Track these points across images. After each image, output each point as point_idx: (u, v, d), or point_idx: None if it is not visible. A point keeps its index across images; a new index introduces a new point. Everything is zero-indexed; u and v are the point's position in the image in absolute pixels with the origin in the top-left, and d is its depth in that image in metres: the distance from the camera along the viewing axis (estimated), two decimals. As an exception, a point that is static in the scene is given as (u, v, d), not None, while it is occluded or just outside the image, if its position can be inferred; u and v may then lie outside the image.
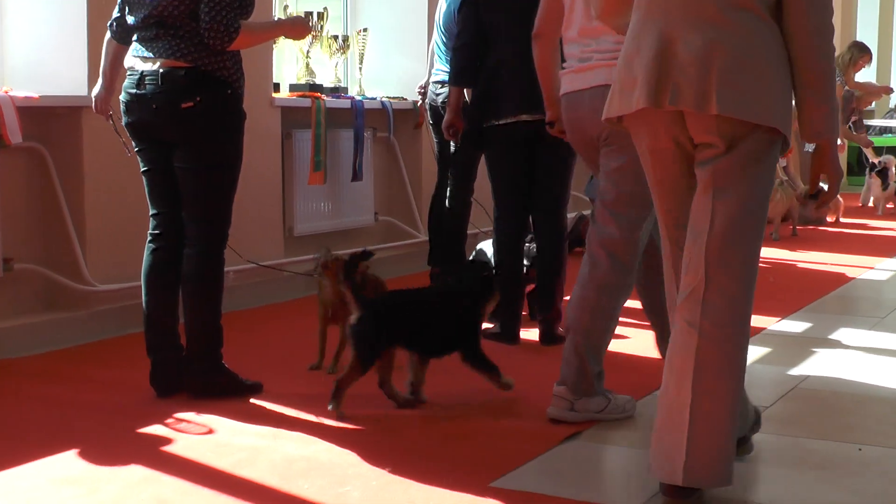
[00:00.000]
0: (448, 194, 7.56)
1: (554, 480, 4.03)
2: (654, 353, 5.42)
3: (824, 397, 5.19)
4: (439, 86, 7.49)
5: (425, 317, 5.01)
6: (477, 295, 5.08)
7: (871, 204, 14.14)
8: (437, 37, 7.65)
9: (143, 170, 5.08)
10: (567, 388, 4.66)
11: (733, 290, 3.67)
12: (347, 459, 4.16)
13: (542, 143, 6.08)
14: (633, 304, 5.11)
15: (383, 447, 4.32)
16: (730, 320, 3.68)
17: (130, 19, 4.93)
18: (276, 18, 7.41)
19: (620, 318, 4.86)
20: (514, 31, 6.01)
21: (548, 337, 6.19)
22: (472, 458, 4.20)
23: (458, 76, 6.47)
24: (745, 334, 3.75)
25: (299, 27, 5.33)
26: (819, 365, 5.74)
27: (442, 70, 7.51)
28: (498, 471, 4.03)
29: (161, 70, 4.81)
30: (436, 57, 7.65)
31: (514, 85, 6.08)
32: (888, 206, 13.94)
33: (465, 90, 6.57)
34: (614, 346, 5.17)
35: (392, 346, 4.87)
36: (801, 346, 6.15)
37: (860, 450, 4.41)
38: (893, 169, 13.88)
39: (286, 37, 5.71)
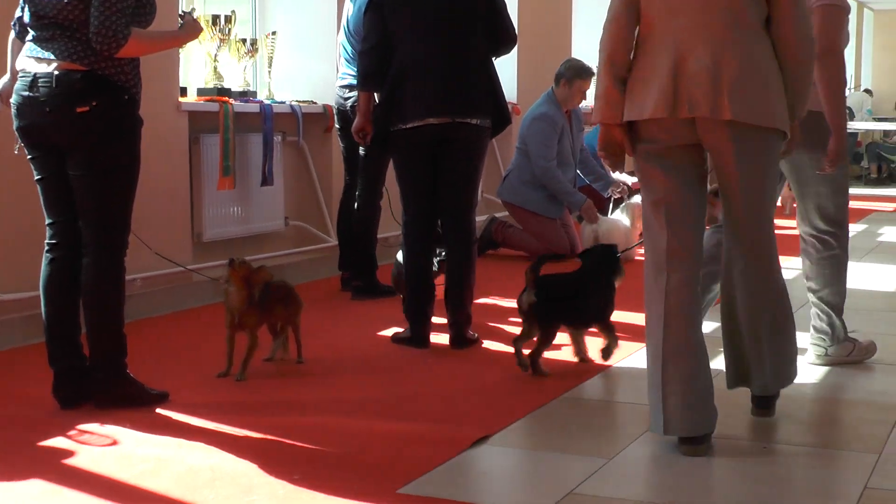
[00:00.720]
0: (357, 198, 7.55)
1: (462, 486, 4.05)
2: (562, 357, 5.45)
3: (732, 395, 5.21)
4: (346, 90, 7.49)
5: (579, 294, 5.74)
6: (611, 272, 5.89)
7: (778, 203, 14.28)
8: (344, 40, 7.63)
9: (37, 178, 4.98)
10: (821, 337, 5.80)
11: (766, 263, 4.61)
12: (253, 468, 4.13)
13: (449, 147, 6.12)
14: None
15: (290, 455, 4.31)
16: (764, 287, 4.58)
17: (27, 18, 4.85)
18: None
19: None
20: (420, 34, 6.03)
21: (458, 340, 6.18)
22: (380, 464, 4.20)
23: (365, 80, 6.42)
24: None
25: (194, 33, 5.23)
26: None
27: (348, 74, 7.50)
28: (405, 477, 4.03)
29: (56, 73, 4.73)
30: (342, 60, 7.63)
31: (420, 88, 6.06)
32: (794, 204, 14.07)
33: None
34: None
35: (560, 320, 5.65)
36: (711, 342, 6.16)
37: (764, 447, 4.48)
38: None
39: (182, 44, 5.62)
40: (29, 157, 4.95)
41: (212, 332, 6.03)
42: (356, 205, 7.58)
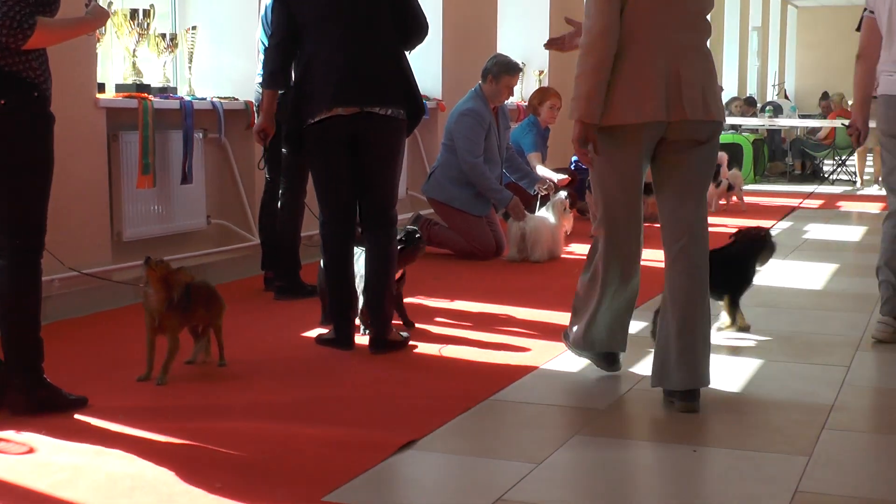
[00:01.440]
0: (280, 197, 7.49)
1: (388, 493, 4.03)
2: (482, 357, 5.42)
3: (659, 398, 5.22)
4: None
5: (736, 269, 6.57)
6: (758, 253, 6.71)
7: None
8: (262, 35, 7.58)
9: None
10: (891, 318, 6.34)
11: (706, 241, 5.13)
12: (174, 476, 4.06)
13: (362, 141, 6.05)
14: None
15: (212, 462, 4.24)
16: (704, 263, 5.06)
17: None
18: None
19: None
20: (324, 25, 5.97)
21: (377, 343, 6.09)
22: (304, 471, 4.15)
23: (269, 78, 6.40)
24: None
25: (101, 19, 5.11)
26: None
27: None
28: (331, 484, 3.99)
29: None
30: (261, 56, 7.57)
31: (326, 79, 5.99)
32: (721, 202, 14.19)
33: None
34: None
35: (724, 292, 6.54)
36: (639, 346, 6.18)
37: (694, 451, 4.46)
38: (725, 166, 14.16)
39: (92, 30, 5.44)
40: None
41: (132, 334, 5.94)
42: (279, 203, 7.52)
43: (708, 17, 5.21)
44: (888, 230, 6.42)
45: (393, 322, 6.19)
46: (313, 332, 6.40)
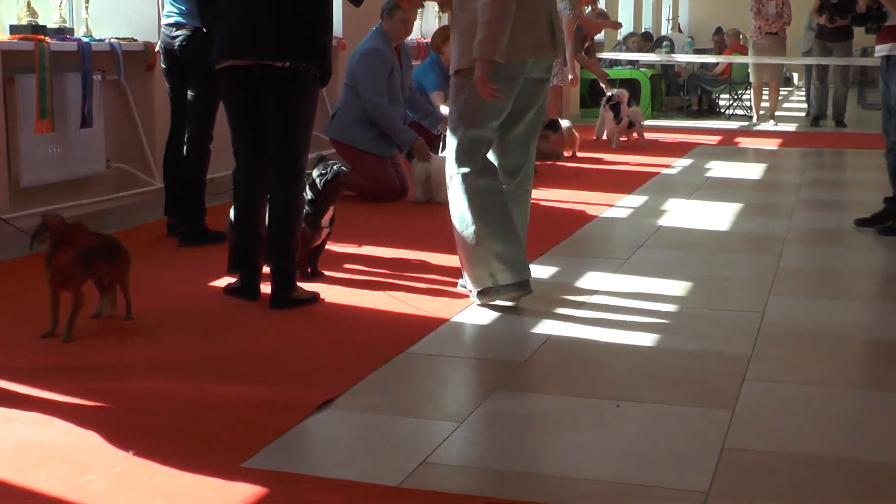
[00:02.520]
0: (186, 142, 7.33)
1: (308, 458, 3.93)
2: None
3: (576, 350, 5.17)
4: (174, 28, 7.26)
5: None
6: None
7: (604, 137, 14.35)
8: None
9: None
10: None
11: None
12: (89, 443, 3.91)
13: (263, 93, 5.86)
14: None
15: (127, 427, 4.07)
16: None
17: None
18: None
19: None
20: None
21: (276, 300, 5.88)
22: (220, 435, 4.02)
23: (199, 15, 6.50)
24: None
25: None
26: (568, 316, 5.73)
27: (174, 11, 7.27)
28: (249, 449, 3.86)
29: None
30: None
31: (228, 26, 5.88)
32: (621, 139, 14.20)
33: None
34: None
35: None
36: (550, 295, 6.13)
37: (618, 406, 4.40)
38: (625, 103, 14.16)
39: None
40: None
41: (33, 287, 5.70)
42: (185, 148, 7.35)
43: None
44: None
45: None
46: (221, 282, 6.25)
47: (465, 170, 5.80)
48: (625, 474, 3.75)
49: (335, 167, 6.50)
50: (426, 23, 14.06)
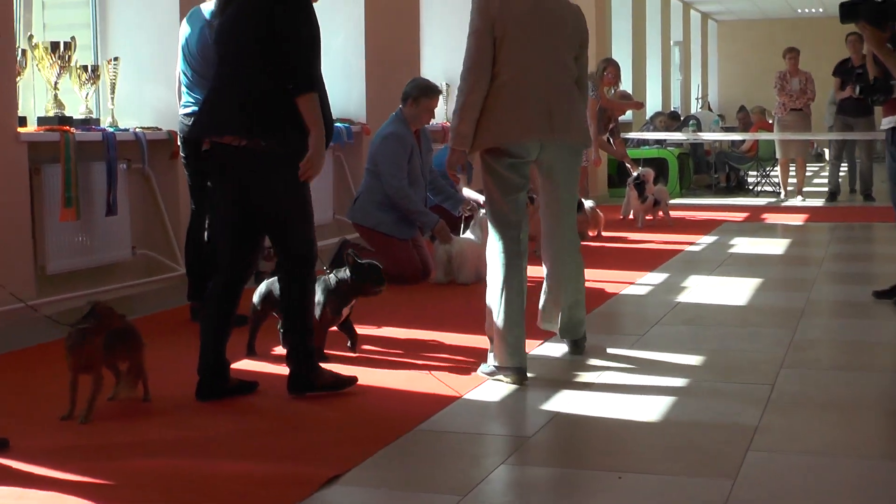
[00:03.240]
0: (207, 228, 7.44)
1: None
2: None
3: (582, 425, 5.22)
4: (190, 118, 7.37)
5: None
6: None
7: (631, 216, 14.41)
8: (183, 65, 7.53)
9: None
10: None
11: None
12: (98, 521, 3.99)
13: (253, 173, 5.61)
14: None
15: (132, 500, 4.16)
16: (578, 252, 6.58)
17: None
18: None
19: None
20: (219, 50, 5.87)
21: (293, 384, 5.73)
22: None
23: None
24: None
25: None
26: (578, 392, 5.77)
27: (191, 102, 7.39)
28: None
29: None
30: (183, 88, 7.51)
31: (205, 102, 5.88)
32: (647, 217, 14.25)
33: None
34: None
35: None
36: (562, 371, 6.18)
37: (620, 478, 4.44)
38: (651, 182, 14.24)
39: None
40: None
41: (55, 371, 5.78)
42: (206, 234, 7.47)
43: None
44: None
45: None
46: (241, 364, 6.33)
47: (493, 248, 6.14)
48: (621, 543, 3.81)
49: (370, 263, 6.60)
50: (448, 107, 14.22)
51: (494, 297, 6.03)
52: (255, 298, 6.54)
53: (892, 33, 7.81)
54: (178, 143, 7.84)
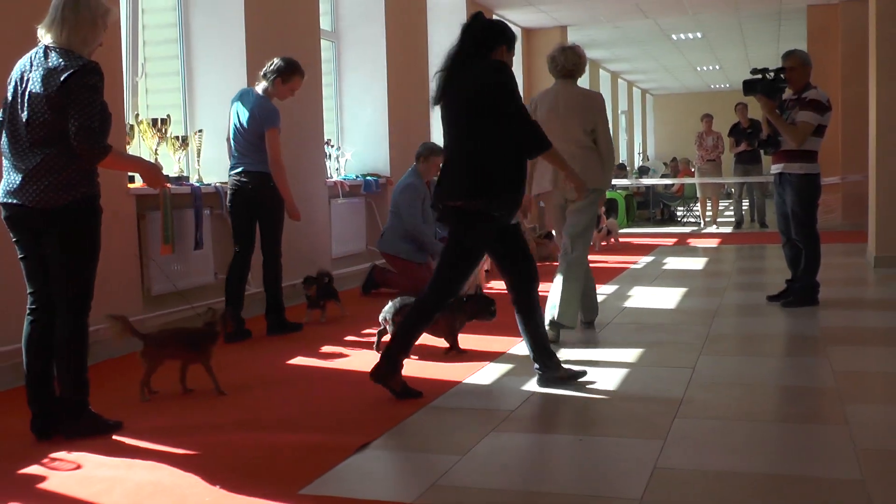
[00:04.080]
0: (266, 255, 7.43)
1: (349, 485, 3.93)
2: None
3: (552, 400, 5.20)
4: (237, 175, 7.36)
5: None
6: None
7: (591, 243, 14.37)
8: (234, 135, 7.38)
9: (20, 256, 4.79)
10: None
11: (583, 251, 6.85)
12: (187, 481, 3.98)
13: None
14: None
15: (213, 467, 4.14)
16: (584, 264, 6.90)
17: None
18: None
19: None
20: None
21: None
22: (284, 470, 4.07)
23: None
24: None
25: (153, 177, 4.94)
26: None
27: (237, 164, 7.37)
28: (305, 481, 3.92)
29: None
30: (233, 152, 7.42)
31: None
32: (602, 243, 14.23)
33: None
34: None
35: None
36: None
37: (580, 440, 4.42)
38: (604, 215, 14.24)
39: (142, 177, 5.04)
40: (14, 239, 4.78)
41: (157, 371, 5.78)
42: (274, 264, 7.43)
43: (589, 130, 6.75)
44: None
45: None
46: (296, 360, 6.34)
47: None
48: (580, 487, 3.78)
49: (488, 297, 6.49)
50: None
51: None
52: (389, 313, 6.41)
53: (779, 103, 7.84)
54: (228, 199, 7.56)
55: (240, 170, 7.34)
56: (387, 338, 6.18)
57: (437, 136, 13.67)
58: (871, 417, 4.71)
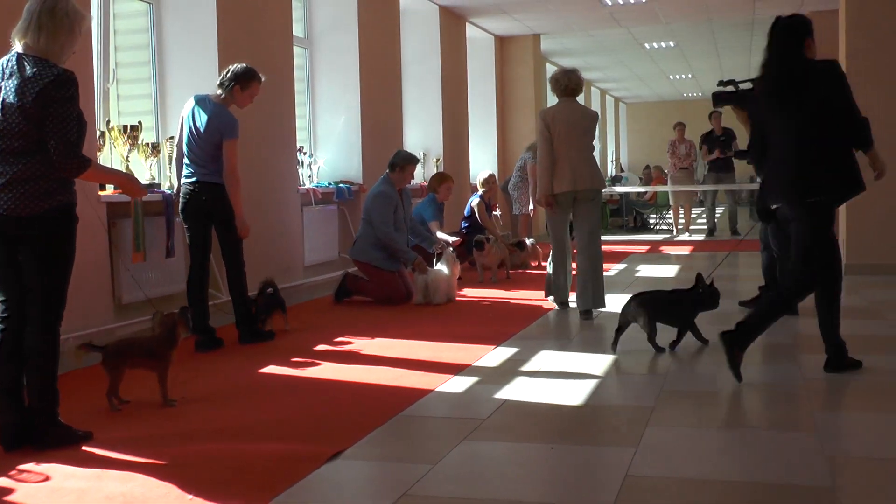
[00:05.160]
0: (229, 267, 7.38)
1: (319, 495, 3.92)
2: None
3: (525, 408, 5.21)
4: (190, 185, 7.28)
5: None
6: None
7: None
8: (188, 141, 7.28)
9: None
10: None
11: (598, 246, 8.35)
12: (159, 492, 3.95)
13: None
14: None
15: (184, 478, 4.11)
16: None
17: None
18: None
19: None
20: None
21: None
22: (257, 481, 4.05)
23: None
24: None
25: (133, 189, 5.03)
26: (522, 383, 5.77)
27: (191, 172, 7.30)
28: (276, 490, 3.91)
29: None
30: (185, 160, 7.32)
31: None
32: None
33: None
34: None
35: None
36: (510, 369, 6.18)
37: (552, 448, 4.43)
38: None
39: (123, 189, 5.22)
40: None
41: (126, 379, 5.70)
42: (238, 273, 7.39)
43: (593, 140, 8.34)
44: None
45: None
46: (269, 369, 6.32)
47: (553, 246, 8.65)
48: (552, 495, 3.79)
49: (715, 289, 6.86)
50: (426, 169, 14.25)
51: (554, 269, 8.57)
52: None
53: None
54: (179, 207, 7.42)
55: (193, 179, 7.25)
56: (627, 333, 6.76)
57: (411, 144, 13.70)
58: (842, 425, 4.75)
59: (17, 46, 4.62)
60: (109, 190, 7.53)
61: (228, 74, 7.32)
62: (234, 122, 7.20)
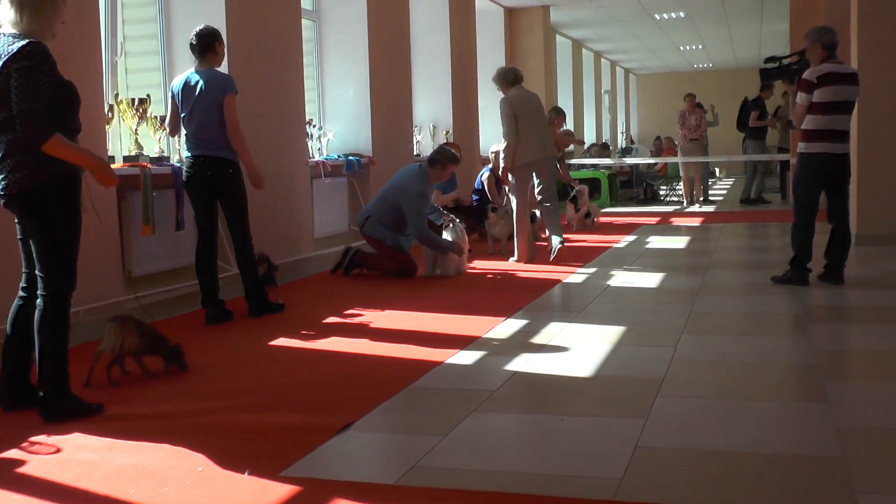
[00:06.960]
0: (236, 240, 7.37)
1: (330, 466, 3.91)
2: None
3: (535, 380, 5.20)
4: (194, 157, 7.24)
5: None
6: None
7: (567, 222, 14.38)
8: (188, 110, 7.18)
9: (18, 238, 4.83)
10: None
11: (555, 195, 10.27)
12: (168, 464, 3.95)
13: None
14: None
15: (196, 450, 4.11)
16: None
17: None
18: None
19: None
20: None
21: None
22: (266, 452, 4.04)
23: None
24: None
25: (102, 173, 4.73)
26: (532, 355, 5.75)
27: (192, 144, 7.25)
28: (286, 462, 3.90)
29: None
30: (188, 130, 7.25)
31: None
32: (583, 224, 14.24)
33: None
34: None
35: None
36: (520, 340, 6.17)
37: (562, 420, 4.42)
38: (586, 196, 14.27)
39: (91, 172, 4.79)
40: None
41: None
42: (245, 246, 7.37)
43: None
44: None
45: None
46: (278, 342, 6.32)
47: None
48: (562, 467, 3.77)
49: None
50: (436, 140, 14.19)
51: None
52: None
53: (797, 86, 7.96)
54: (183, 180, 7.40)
55: (197, 153, 7.20)
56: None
57: (420, 116, 13.63)
58: (852, 395, 4.72)
59: (6, 27, 4.60)
60: (119, 163, 7.53)
61: (201, 39, 7.16)
62: (231, 78, 7.19)
